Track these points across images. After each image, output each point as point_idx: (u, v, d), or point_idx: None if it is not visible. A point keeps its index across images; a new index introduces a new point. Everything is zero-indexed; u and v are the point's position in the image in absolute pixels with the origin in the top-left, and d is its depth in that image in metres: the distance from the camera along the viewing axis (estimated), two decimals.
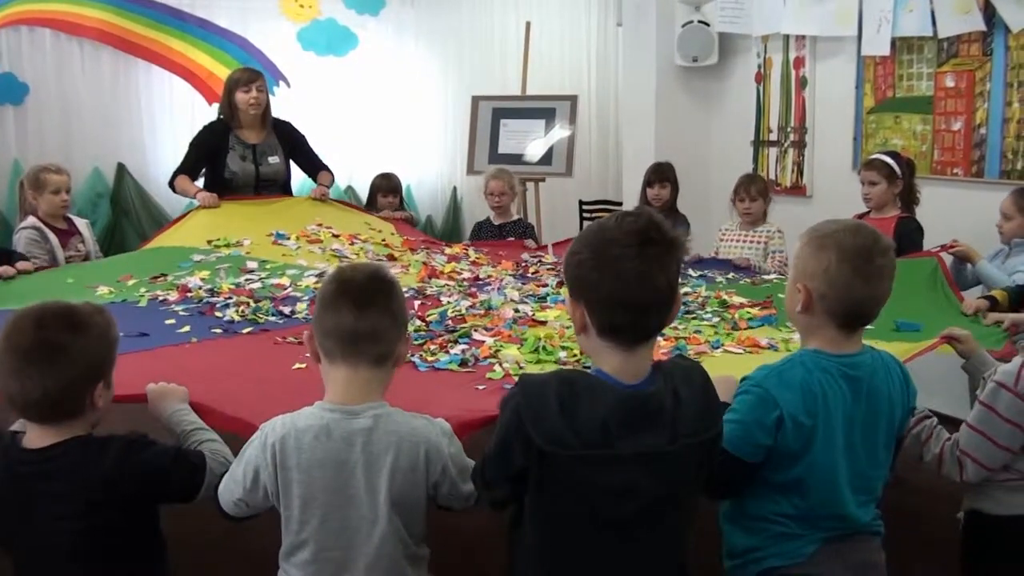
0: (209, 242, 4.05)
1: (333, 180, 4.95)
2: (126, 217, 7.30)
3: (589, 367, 1.74)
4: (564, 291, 3.53)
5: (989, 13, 4.39)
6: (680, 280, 3.66)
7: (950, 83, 4.66)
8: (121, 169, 7.09)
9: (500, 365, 2.65)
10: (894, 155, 4.24)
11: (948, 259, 3.73)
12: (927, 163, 4.71)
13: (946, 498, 3.20)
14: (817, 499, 1.84)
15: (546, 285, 3.71)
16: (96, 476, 1.77)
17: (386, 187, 5.25)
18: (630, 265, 1.52)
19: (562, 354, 2.79)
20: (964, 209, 4.39)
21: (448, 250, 4.34)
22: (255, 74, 4.67)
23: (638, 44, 6.24)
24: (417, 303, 3.36)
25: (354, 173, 8.04)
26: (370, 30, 7.86)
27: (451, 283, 3.69)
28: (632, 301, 1.54)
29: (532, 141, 6.56)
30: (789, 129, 5.63)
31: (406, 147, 8.12)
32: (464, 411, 2.14)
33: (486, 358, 2.74)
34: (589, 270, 1.56)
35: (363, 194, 8.01)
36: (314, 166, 4.89)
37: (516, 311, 3.27)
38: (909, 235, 3.97)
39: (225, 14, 7.35)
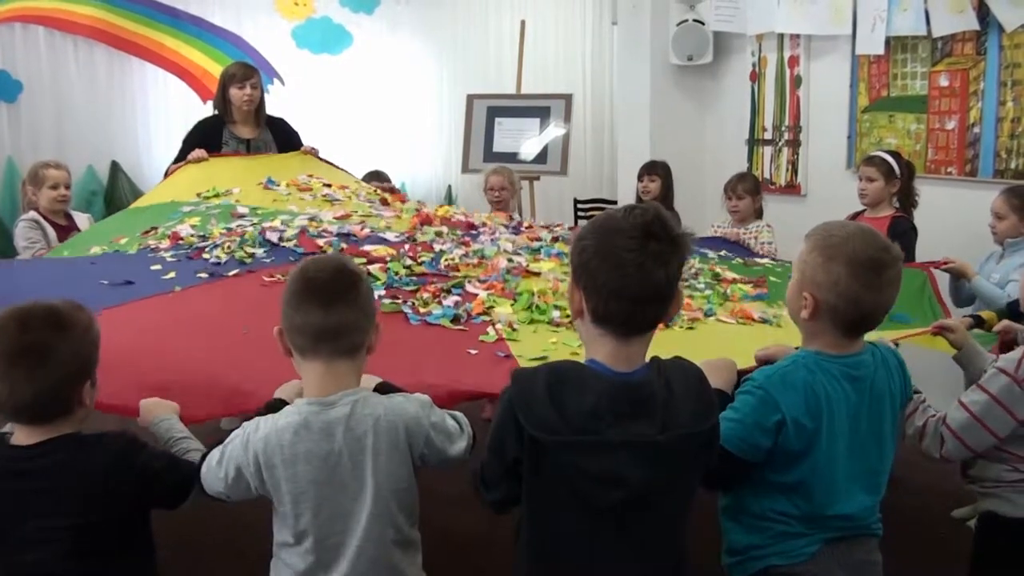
0: (199, 195, 3.96)
1: None
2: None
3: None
4: (559, 245, 3.46)
5: (983, 12, 4.40)
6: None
7: (944, 82, 4.67)
8: (115, 167, 7.07)
9: (493, 326, 2.59)
10: (894, 154, 4.24)
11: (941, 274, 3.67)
12: (921, 162, 4.72)
13: (944, 497, 3.21)
14: (820, 500, 1.84)
15: (540, 239, 3.60)
16: (91, 473, 1.77)
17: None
18: (629, 257, 1.54)
19: (555, 313, 2.72)
20: (958, 208, 4.39)
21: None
22: (250, 70, 4.65)
23: (633, 43, 6.24)
24: (407, 246, 3.26)
25: (348, 171, 8.04)
26: (365, 28, 7.85)
27: (444, 229, 3.57)
28: (628, 292, 1.55)
29: (527, 140, 6.56)
30: (783, 128, 5.64)
31: (401, 145, 8.12)
32: (454, 381, 2.13)
33: (479, 314, 2.67)
34: (590, 257, 1.58)
35: None
36: None
37: (510, 260, 3.18)
38: (903, 235, 3.97)
39: (219, 11, 7.33)
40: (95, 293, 2.13)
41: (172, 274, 2.90)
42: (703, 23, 5.86)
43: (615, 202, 6.72)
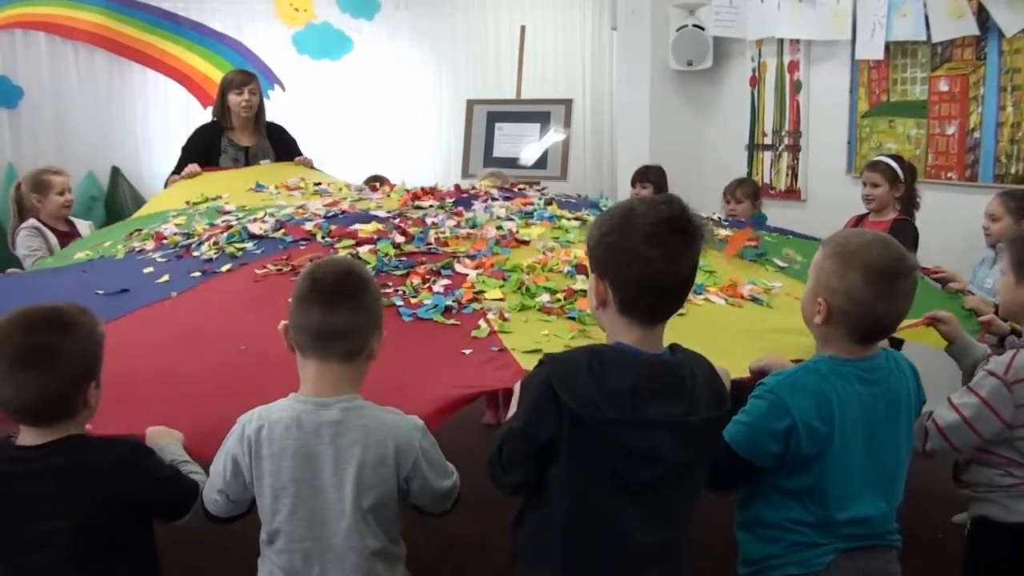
0: (187, 202, 3.99)
1: None
2: (120, 220, 7.29)
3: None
4: (552, 208, 3.51)
5: (983, 17, 4.40)
6: None
7: (944, 87, 4.68)
8: (116, 172, 7.07)
9: (484, 319, 2.61)
10: (897, 158, 4.24)
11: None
12: (921, 167, 4.72)
13: (942, 501, 3.20)
14: (834, 504, 1.83)
15: (533, 203, 3.60)
16: (95, 476, 1.78)
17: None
18: (656, 253, 1.59)
19: (544, 297, 2.72)
20: (958, 213, 4.39)
21: None
22: (248, 76, 4.70)
23: (633, 48, 6.25)
24: (397, 220, 3.25)
25: (348, 178, 8.02)
26: (365, 34, 7.86)
27: (435, 203, 3.54)
28: (657, 285, 1.61)
29: (527, 145, 6.56)
30: (783, 133, 5.64)
31: (401, 151, 8.11)
32: (452, 387, 2.16)
33: (469, 302, 2.70)
34: (618, 252, 1.62)
35: None
36: None
37: (499, 228, 3.19)
38: (899, 234, 3.95)
39: (220, 17, 7.34)
40: (91, 306, 2.16)
41: (166, 277, 2.90)
42: (703, 28, 5.87)
43: None
